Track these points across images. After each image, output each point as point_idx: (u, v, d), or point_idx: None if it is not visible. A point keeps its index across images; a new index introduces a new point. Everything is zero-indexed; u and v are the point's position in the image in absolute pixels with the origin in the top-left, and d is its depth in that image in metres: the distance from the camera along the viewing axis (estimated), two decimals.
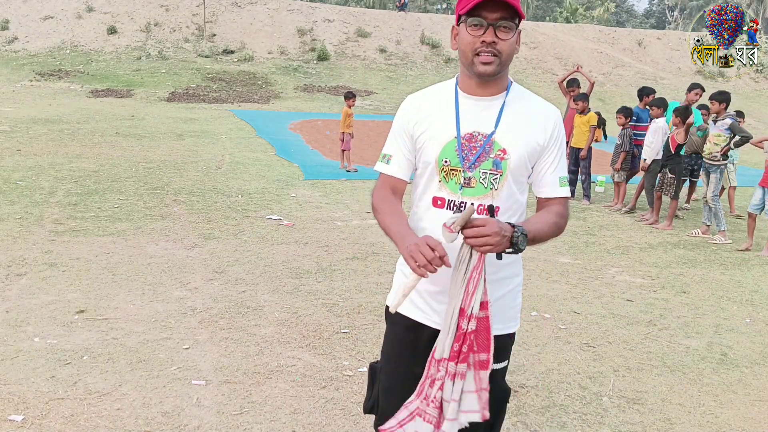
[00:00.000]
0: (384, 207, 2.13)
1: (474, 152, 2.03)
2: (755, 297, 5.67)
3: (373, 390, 2.31)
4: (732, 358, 4.35)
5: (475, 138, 2.04)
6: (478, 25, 1.96)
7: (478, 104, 2.07)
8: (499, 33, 1.96)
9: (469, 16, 1.97)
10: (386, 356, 2.26)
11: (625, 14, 73.67)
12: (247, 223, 7.09)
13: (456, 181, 2.04)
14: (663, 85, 29.47)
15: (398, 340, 2.22)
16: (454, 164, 2.04)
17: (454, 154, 2.04)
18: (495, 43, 1.96)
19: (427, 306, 2.14)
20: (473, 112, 2.06)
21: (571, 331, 4.63)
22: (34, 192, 7.96)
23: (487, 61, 1.98)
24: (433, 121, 2.09)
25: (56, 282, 5.02)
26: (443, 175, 2.06)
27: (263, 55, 28.07)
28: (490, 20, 1.95)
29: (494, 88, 2.07)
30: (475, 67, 2.00)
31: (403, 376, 2.15)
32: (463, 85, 2.11)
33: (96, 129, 13.97)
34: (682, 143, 8.04)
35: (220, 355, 3.94)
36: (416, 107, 2.16)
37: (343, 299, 4.99)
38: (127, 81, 23.31)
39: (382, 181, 2.19)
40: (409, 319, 2.17)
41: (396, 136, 2.18)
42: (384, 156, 2.20)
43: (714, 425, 3.46)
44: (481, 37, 1.96)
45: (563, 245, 7.02)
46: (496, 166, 2.03)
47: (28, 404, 3.27)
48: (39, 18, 28.32)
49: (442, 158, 2.05)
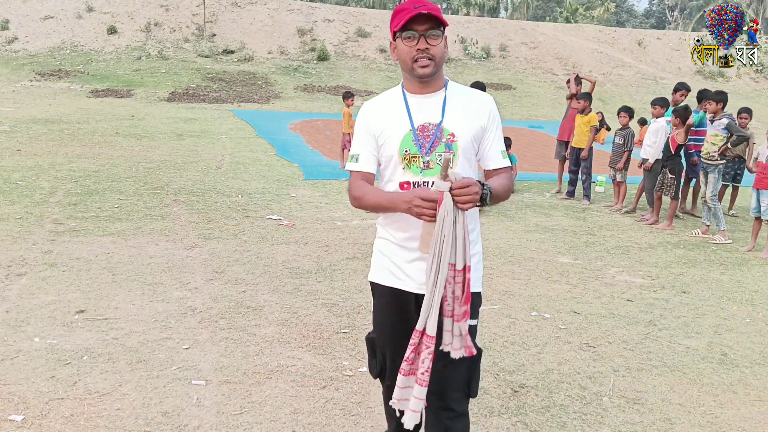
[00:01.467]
0: (365, 189, 2.48)
1: (428, 139, 2.42)
2: (755, 297, 5.67)
3: (377, 357, 2.62)
4: (732, 358, 4.35)
5: (426, 128, 2.43)
6: (411, 37, 2.36)
7: (424, 100, 2.46)
8: (430, 40, 2.36)
9: (403, 30, 2.36)
10: (380, 326, 2.61)
11: (625, 14, 73.69)
12: (247, 223, 7.09)
13: (417, 165, 2.42)
14: (663, 85, 29.46)
15: (387, 308, 2.56)
16: (413, 152, 2.42)
17: (411, 144, 2.42)
18: (428, 49, 2.36)
19: (403, 274, 2.48)
20: (421, 107, 2.46)
21: (571, 331, 4.63)
22: (34, 192, 7.96)
23: (424, 65, 2.38)
24: (390, 120, 2.47)
25: (56, 282, 5.02)
26: (405, 162, 2.43)
27: (263, 55, 28.08)
28: (420, 31, 2.35)
29: (434, 86, 2.47)
30: (415, 72, 2.40)
31: (401, 337, 2.44)
32: (408, 88, 2.50)
33: (96, 129, 13.98)
34: (682, 143, 8.03)
35: (220, 355, 3.94)
36: (373, 110, 2.53)
37: (343, 299, 4.99)
38: (127, 81, 23.32)
39: (354, 177, 2.54)
40: (392, 289, 2.51)
41: (360, 138, 2.53)
42: (352, 156, 2.55)
43: (714, 425, 3.46)
44: (416, 46, 2.36)
45: (563, 245, 7.03)
46: (448, 147, 2.42)
47: (28, 404, 3.28)
48: (39, 18, 28.33)
49: (402, 148, 2.43)
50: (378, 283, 2.56)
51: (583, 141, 9.48)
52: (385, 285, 2.53)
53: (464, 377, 2.48)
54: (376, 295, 2.60)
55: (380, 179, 2.55)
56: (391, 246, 2.52)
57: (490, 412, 3.43)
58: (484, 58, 30.51)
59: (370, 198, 2.45)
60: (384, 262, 2.55)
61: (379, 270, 2.57)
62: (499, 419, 3.37)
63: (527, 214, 8.50)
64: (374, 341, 2.62)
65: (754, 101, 29.19)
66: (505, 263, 6.20)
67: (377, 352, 2.61)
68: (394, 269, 2.50)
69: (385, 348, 2.59)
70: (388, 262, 2.53)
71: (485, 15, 55.51)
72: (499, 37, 32.42)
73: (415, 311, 2.42)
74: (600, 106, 22.99)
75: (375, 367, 2.64)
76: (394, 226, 2.50)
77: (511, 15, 61.88)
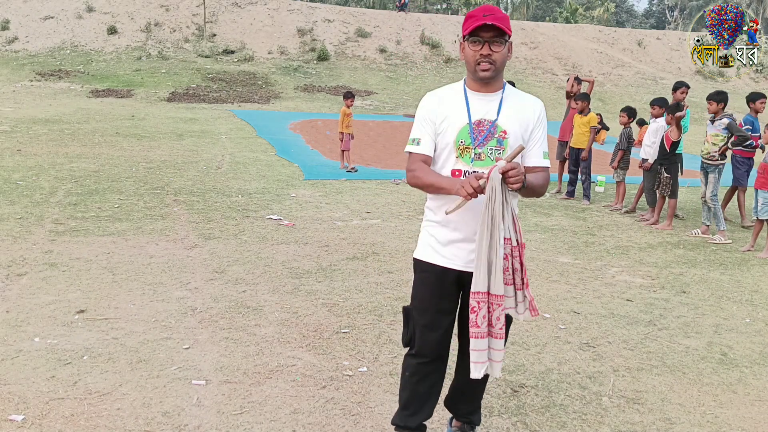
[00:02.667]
0: (425, 170, 2.74)
1: (482, 134, 2.70)
2: (755, 297, 5.67)
3: (409, 327, 2.89)
4: (732, 357, 4.35)
5: (482, 123, 2.71)
6: (476, 41, 2.64)
7: (483, 98, 2.74)
8: (493, 47, 2.63)
9: (471, 36, 2.63)
10: (419, 299, 2.87)
11: (625, 14, 73.64)
12: (247, 223, 7.10)
13: (468, 156, 2.70)
14: (663, 85, 29.46)
15: (428, 283, 2.83)
16: (467, 144, 2.70)
17: (467, 136, 2.70)
18: (490, 55, 2.64)
19: (450, 253, 2.76)
20: (479, 104, 2.73)
21: (570, 331, 4.63)
22: (34, 192, 7.97)
23: (485, 68, 2.66)
24: (450, 112, 2.74)
25: (56, 282, 5.03)
26: (459, 152, 2.71)
27: (263, 55, 28.08)
28: (486, 38, 2.62)
29: (493, 87, 2.75)
30: (477, 74, 2.68)
31: (434, 312, 2.82)
32: (469, 85, 2.78)
33: (96, 129, 13.98)
34: (676, 140, 8.04)
35: (220, 355, 3.94)
36: (436, 100, 2.79)
37: (343, 299, 5.00)
38: (128, 81, 23.32)
39: (414, 158, 2.78)
40: (435, 266, 2.79)
41: (421, 123, 2.78)
42: (413, 140, 2.79)
43: (714, 425, 3.46)
44: (479, 51, 2.64)
45: (563, 245, 7.03)
46: (499, 143, 2.71)
47: (28, 404, 3.28)
48: (39, 18, 28.33)
49: (458, 139, 2.70)
50: (423, 260, 2.84)
51: (582, 141, 9.49)
52: (429, 262, 2.81)
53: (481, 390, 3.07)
54: (419, 270, 2.87)
55: (436, 164, 2.78)
56: (437, 227, 2.79)
57: (490, 412, 3.43)
58: None
59: (426, 178, 2.70)
60: (431, 242, 2.82)
61: (425, 248, 2.83)
62: (499, 419, 3.38)
63: (527, 214, 8.50)
64: (410, 312, 2.88)
65: None
66: None
67: (410, 322, 2.88)
68: (440, 248, 2.78)
69: (419, 319, 2.84)
70: (435, 242, 2.80)
71: None
72: None
73: (455, 288, 2.80)
74: (600, 106, 23.01)
75: (406, 336, 2.91)
76: (440, 208, 2.74)
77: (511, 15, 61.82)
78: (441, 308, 2.82)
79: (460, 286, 2.81)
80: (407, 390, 2.94)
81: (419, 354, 2.88)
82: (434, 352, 2.87)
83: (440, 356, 2.90)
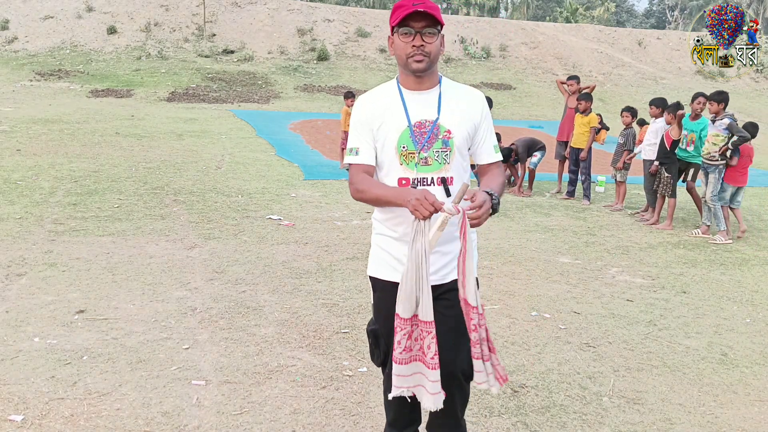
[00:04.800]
0: (368, 182, 2.50)
1: (424, 136, 2.47)
2: (755, 297, 5.67)
3: (380, 347, 2.63)
4: (732, 358, 4.35)
5: (423, 125, 2.48)
6: (407, 33, 2.41)
7: (420, 96, 2.51)
8: (425, 38, 2.41)
9: (400, 26, 2.41)
10: (382, 319, 2.60)
11: (625, 14, 73.68)
12: (247, 223, 7.09)
13: (413, 161, 2.47)
14: (663, 85, 29.48)
15: (388, 302, 2.52)
16: (410, 148, 2.47)
17: (409, 140, 2.47)
18: (423, 46, 2.41)
19: (400, 266, 2.47)
20: (417, 104, 2.50)
21: (571, 331, 4.63)
22: (33, 192, 7.96)
23: (418, 60, 2.42)
24: (387, 115, 2.50)
25: (56, 282, 5.02)
26: (402, 158, 2.48)
27: (263, 55, 28.07)
28: (417, 28, 2.40)
29: (429, 82, 2.52)
30: (409, 66, 2.44)
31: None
32: (404, 83, 2.54)
33: (96, 129, 13.98)
34: (677, 139, 8.04)
35: (220, 355, 3.94)
36: (370, 104, 2.55)
37: (343, 299, 4.99)
38: (127, 81, 23.31)
39: (355, 170, 2.54)
40: (394, 283, 2.48)
41: (358, 131, 2.55)
42: (351, 150, 2.56)
43: (714, 425, 3.46)
44: (411, 43, 2.41)
45: (563, 245, 7.02)
46: (445, 144, 2.48)
47: (28, 404, 3.27)
48: (39, 18, 28.32)
49: (400, 145, 2.47)
50: (378, 278, 2.61)
51: (582, 141, 9.49)
52: (386, 279, 2.57)
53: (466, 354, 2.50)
54: (377, 289, 2.64)
55: (380, 175, 2.57)
56: (390, 241, 2.57)
57: (490, 412, 3.43)
58: (484, 58, 30.51)
59: (371, 191, 2.46)
60: (384, 257, 2.59)
61: (380, 265, 2.61)
62: (499, 419, 3.37)
63: (527, 214, 8.50)
64: (376, 332, 2.64)
65: (754, 101, 29.21)
66: (505, 263, 6.19)
67: (380, 342, 2.62)
68: (395, 264, 2.54)
69: (388, 339, 2.56)
70: (389, 257, 2.57)
71: (485, 15, 55.50)
72: (499, 37, 32.42)
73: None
74: (600, 106, 22.98)
75: (379, 356, 2.66)
76: (392, 221, 2.54)
77: (511, 15, 61.88)
78: None
79: None
80: (391, 410, 2.75)
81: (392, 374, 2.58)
82: None
83: None
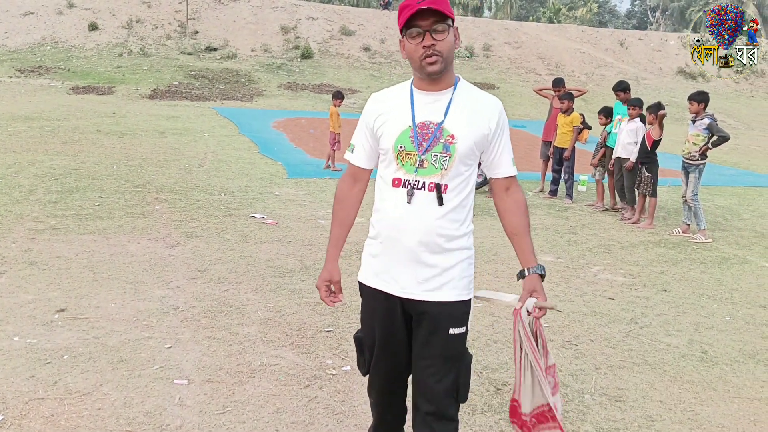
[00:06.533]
0: (336, 208, 2.58)
1: (426, 138, 2.35)
2: (735, 295, 5.74)
3: (364, 356, 2.57)
4: (712, 355, 4.40)
5: (427, 126, 2.36)
6: (416, 33, 2.27)
7: (430, 97, 2.39)
8: (436, 36, 2.26)
9: (407, 28, 2.28)
10: (366, 327, 2.55)
11: (608, 14, 74.15)
12: (230, 222, 7.06)
13: (411, 163, 2.35)
14: (644, 85, 29.71)
15: (372, 310, 2.51)
16: (408, 149, 2.36)
17: (408, 141, 2.36)
18: (434, 45, 2.27)
19: (390, 277, 2.42)
20: (425, 104, 2.38)
21: (553, 329, 4.66)
22: (13, 190, 7.87)
23: (431, 61, 2.29)
24: (392, 114, 2.41)
25: (36, 281, 4.97)
26: (399, 158, 2.37)
27: (246, 52, 27.93)
28: (425, 27, 2.25)
29: (443, 83, 2.38)
30: (424, 69, 2.32)
31: (383, 340, 2.48)
32: (417, 83, 2.43)
33: (77, 126, 13.83)
34: (658, 139, 8.12)
35: (202, 354, 3.91)
36: (379, 103, 2.49)
37: None
38: (109, 78, 23.09)
39: (347, 170, 2.58)
40: (379, 291, 2.45)
41: (360, 129, 2.51)
42: (351, 146, 2.55)
43: (694, 422, 3.50)
44: (422, 43, 2.27)
45: (545, 244, 7.06)
46: (446, 149, 2.34)
47: (7, 404, 3.24)
48: (19, 14, 27.96)
49: (397, 144, 2.37)
50: (365, 284, 2.51)
51: (565, 141, 9.54)
52: (371, 287, 2.48)
53: (454, 384, 2.42)
54: (363, 295, 2.54)
55: (378, 172, 2.50)
56: (376, 245, 2.48)
57: (473, 410, 3.44)
58: (468, 58, 30.59)
59: (332, 219, 2.59)
60: (370, 262, 2.50)
61: (366, 270, 2.52)
62: (482, 417, 3.39)
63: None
64: (362, 340, 2.57)
65: (733, 102, 29.55)
66: (488, 262, 6.22)
67: (365, 350, 2.55)
68: (379, 270, 2.45)
69: (372, 348, 2.52)
70: (375, 262, 2.47)
71: (469, 14, 55.61)
72: (482, 37, 32.52)
73: (401, 316, 2.43)
74: (582, 105, 23.12)
75: (364, 365, 2.58)
76: (379, 223, 2.47)
77: (495, 14, 62.04)
78: (390, 334, 2.47)
79: (407, 315, 2.45)
80: (375, 414, 2.71)
81: (377, 384, 2.60)
82: (395, 384, 2.58)
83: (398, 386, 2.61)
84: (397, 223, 2.37)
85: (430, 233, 2.34)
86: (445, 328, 2.39)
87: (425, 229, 2.34)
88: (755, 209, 9.93)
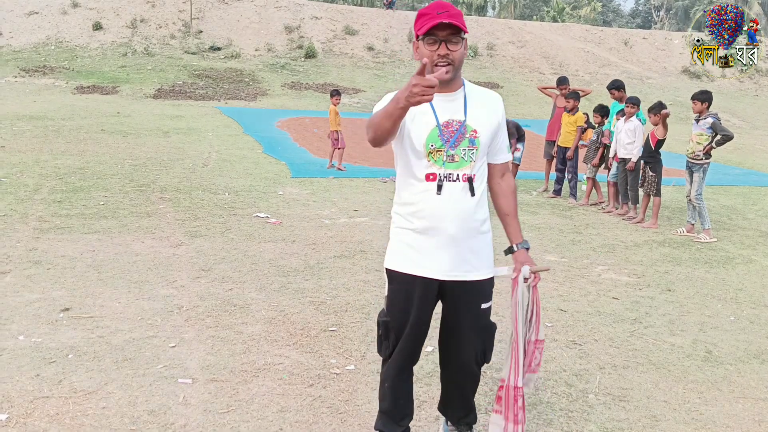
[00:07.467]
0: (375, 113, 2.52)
1: (453, 135, 2.60)
2: (739, 295, 5.72)
3: (389, 339, 2.76)
4: (716, 355, 4.39)
5: (451, 124, 2.60)
6: (432, 42, 2.49)
7: (446, 98, 2.61)
8: (450, 46, 2.50)
9: (426, 35, 2.49)
10: (398, 313, 2.72)
11: (612, 14, 74.01)
12: (234, 221, 7.07)
13: (441, 158, 2.59)
14: (649, 84, 29.67)
15: (406, 296, 2.69)
16: (438, 146, 2.59)
17: (437, 139, 2.59)
18: (448, 55, 2.51)
19: (428, 262, 2.64)
20: (444, 105, 2.61)
21: (557, 329, 4.65)
22: (18, 189, 7.89)
23: (446, 71, 2.49)
24: (415, 116, 2.57)
25: (41, 280, 4.98)
26: (430, 155, 2.59)
27: (250, 52, 27.97)
28: (441, 37, 2.48)
29: (454, 85, 2.63)
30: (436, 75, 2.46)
31: (414, 322, 2.70)
32: None
33: (81, 126, 13.87)
34: (662, 138, 8.10)
35: (206, 353, 3.92)
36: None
37: (331, 297, 4.99)
38: (113, 77, 23.15)
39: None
40: (415, 277, 2.65)
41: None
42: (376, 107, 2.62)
43: (698, 422, 3.49)
44: (436, 51, 2.50)
45: (550, 243, 7.06)
46: (472, 143, 2.62)
47: (12, 403, 3.25)
48: (24, 13, 28.06)
49: (428, 143, 2.58)
50: (398, 271, 2.68)
51: (569, 140, 9.53)
52: (407, 273, 2.66)
53: (482, 351, 2.83)
54: (395, 282, 2.71)
55: (405, 171, 2.67)
56: (411, 234, 2.65)
57: (477, 409, 3.43)
58: (472, 57, 30.57)
59: (379, 113, 2.40)
60: (405, 250, 2.67)
61: (400, 258, 2.68)
62: (486, 416, 3.38)
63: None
64: (388, 324, 2.74)
65: (738, 101, 29.48)
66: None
67: (391, 335, 2.74)
68: (417, 257, 2.64)
69: (399, 332, 2.72)
70: (410, 251, 2.65)
71: (473, 14, 55.54)
72: (486, 36, 32.50)
73: (434, 299, 2.71)
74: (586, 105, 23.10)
75: (387, 348, 2.77)
76: (414, 215, 2.64)
77: (499, 14, 61.97)
78: (422, 318, 2.71)
79: (441, 296, 2.73)
80: (387, 400, 2.88)
81: (397, 365, 2.79)
82: (412, 362, 2.84)
83: (414, 363, 2.88)
84: (437, 213, 2.59)
85: (467, 220, 2.62)
86: (478, 304, 2.74)
87: (464, 216, 2.61)
88: (760, 208, 9.90)
